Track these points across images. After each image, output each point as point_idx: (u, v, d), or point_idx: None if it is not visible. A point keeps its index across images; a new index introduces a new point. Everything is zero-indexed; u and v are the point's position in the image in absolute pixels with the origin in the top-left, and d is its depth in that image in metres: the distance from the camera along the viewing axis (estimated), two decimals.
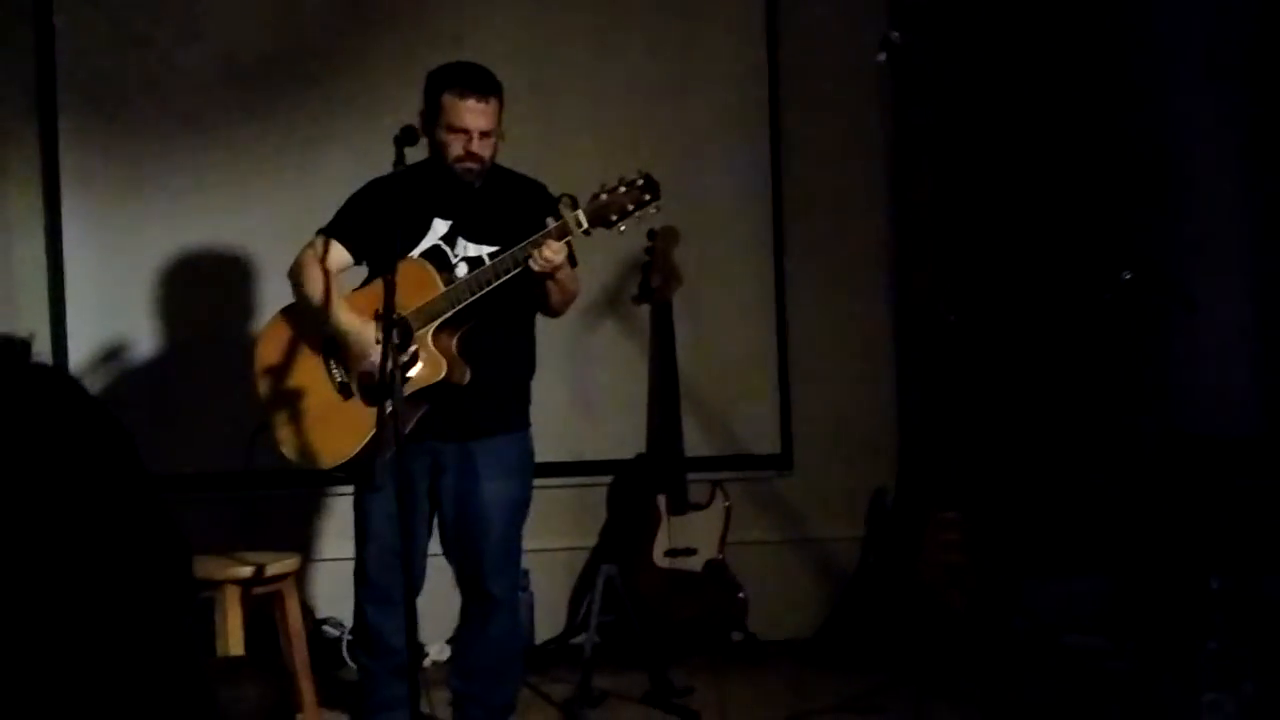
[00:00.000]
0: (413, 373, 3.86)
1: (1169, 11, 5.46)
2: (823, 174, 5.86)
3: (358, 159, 4.30)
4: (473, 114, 3.95)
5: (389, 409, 3.48)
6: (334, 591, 5.12)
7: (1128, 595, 5.21)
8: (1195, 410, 5.28)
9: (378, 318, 3.78)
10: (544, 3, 5.70)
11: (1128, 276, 4.41)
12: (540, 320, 4.26)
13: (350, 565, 4.22)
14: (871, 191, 5.91)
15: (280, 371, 4.02)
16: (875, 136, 5.88)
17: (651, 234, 5.26)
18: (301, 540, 5.42)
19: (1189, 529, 4.88)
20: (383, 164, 3.98)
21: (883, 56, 4.31)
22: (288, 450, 4.03)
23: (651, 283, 5.28)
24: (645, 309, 5.39)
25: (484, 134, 3.97)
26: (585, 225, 3.85)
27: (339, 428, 3.95)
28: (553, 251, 3.82)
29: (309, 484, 5.08)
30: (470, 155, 3.97)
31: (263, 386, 4.06)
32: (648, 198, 3.86)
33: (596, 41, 5.72)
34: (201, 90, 5.46)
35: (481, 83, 3.98)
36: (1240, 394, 5.26)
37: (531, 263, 3.82)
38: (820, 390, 5.86)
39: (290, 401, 4.00)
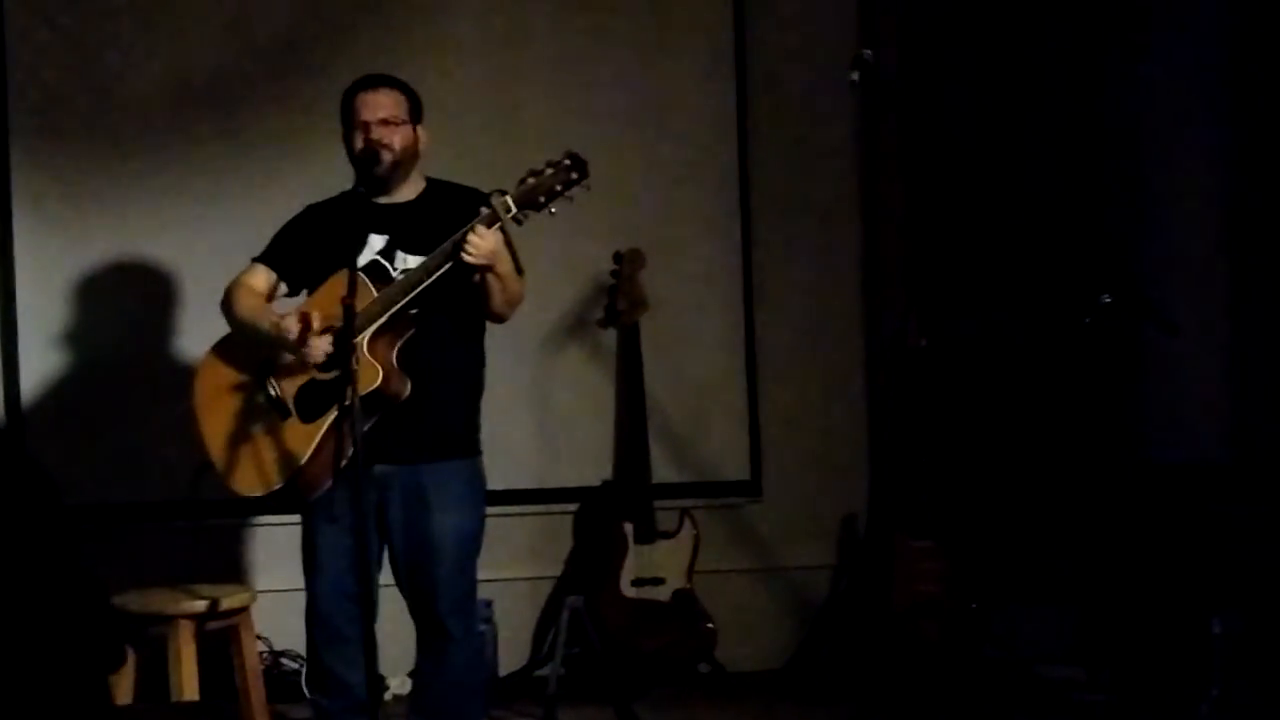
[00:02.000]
0: None
1: (1147, 29, 5.43)
2: (792, 195, 5.80)
3: (318, 179, 4.21)
4: (366, 106, 3.92)
5: (346, 426, 3.41)
6: (292, 623, 5.00)
7: (1101, 626, 5.17)
8: (1169, 438, 5.24)
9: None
10: (511, 21, 5.63)
11: (1107, 300, 4.35)
12: (504, 344, 4.17)
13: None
14: (842, 214, 5.85)
15: (218, 407, 3.95)
16: (846, 157, 5.82)
17: (617, 257, 5.23)
18: (258, 568, 5.31)
19: (1179, 563, 4.83)
20: (344, 184, 3.94)
21: (856, 75, 4.24)
22: (233, 483, 3.92)
23: (617, 306, 5.25)
24: (611, 333, 5.34)
25: (384, 121, 3.91)
26: (514, 210, 3.76)
27: (279, 450, 3.85)
28: (481, 237, 3.73)
29: (262, 511, 4.98)
30: (372, 143, 3.89)
31: (203, 426, 3.98)
32: (575, 176, 3.78)
33: (564, 61, 5.65)
34: (156, 111, 5.37)
35: (371, 78, 4.00)
36: (1215, 422, 5.22)
37: (465, 256, 3.74)
38: (790, 416, 5.79)
39: (230, 434, 3.92)
